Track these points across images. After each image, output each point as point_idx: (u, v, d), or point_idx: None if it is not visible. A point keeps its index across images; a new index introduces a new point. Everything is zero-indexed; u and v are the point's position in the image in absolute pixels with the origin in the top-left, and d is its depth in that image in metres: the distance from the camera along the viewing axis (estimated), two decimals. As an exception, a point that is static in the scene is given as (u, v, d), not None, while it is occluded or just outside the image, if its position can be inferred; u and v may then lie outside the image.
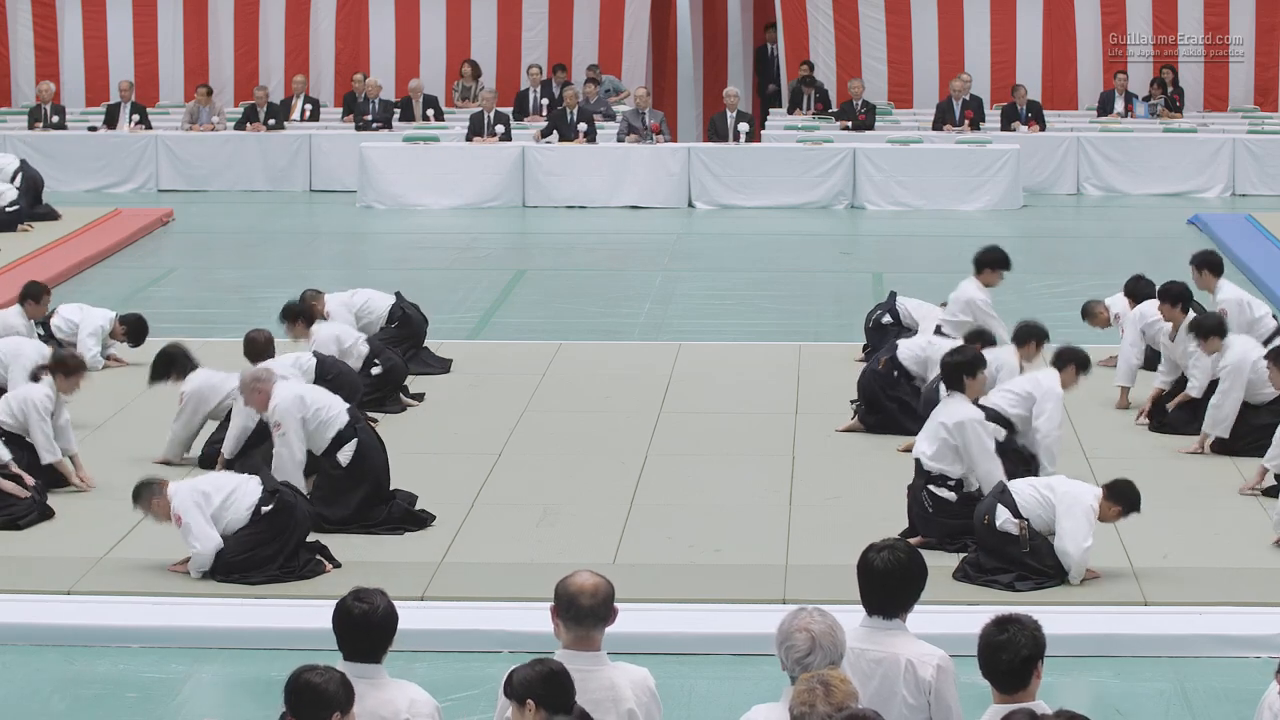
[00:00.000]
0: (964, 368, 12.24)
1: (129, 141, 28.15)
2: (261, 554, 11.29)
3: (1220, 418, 13.99)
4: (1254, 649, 10.40)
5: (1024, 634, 6.74)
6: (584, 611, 6.98)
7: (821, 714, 6.15)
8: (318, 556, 11.54)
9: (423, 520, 12.44)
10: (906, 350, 14.84)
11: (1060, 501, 11.27)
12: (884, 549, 7.26)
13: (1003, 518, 11.25)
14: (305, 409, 12.46)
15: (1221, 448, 13.98)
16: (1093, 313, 16.79)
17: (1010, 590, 11.05)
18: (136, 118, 28.47)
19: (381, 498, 12.48)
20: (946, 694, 7.11)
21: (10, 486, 12.45)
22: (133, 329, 16.81)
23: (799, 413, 15.27)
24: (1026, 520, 11.23)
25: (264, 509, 11.36)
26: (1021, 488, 11.46)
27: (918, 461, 12.05)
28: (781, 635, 6.77)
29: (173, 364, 14.19)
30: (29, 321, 16.42)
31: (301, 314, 15.56)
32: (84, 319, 16.78)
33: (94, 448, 14.27)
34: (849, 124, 28.43)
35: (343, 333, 15.54)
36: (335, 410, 12.56)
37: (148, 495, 11.44)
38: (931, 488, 11.92)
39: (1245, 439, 13.83)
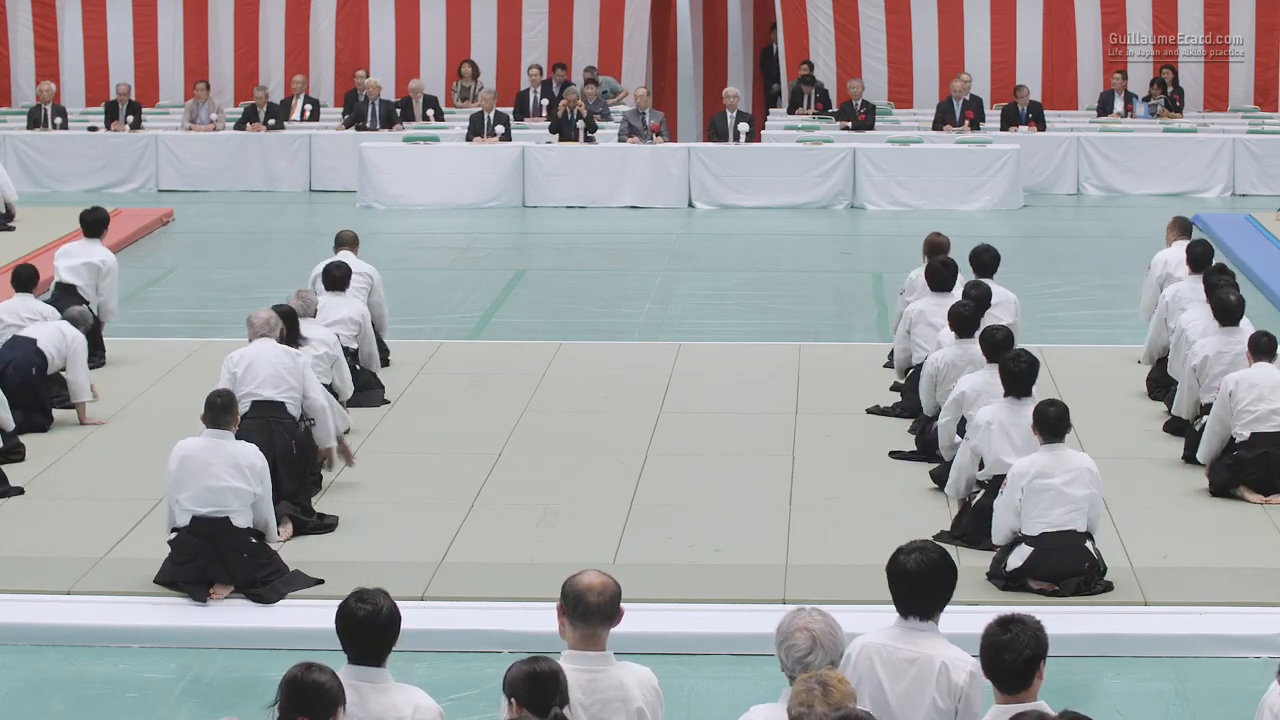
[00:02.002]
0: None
1: (129, 141, 28.16)
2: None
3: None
4: (1254, 649, 10.40)
5: (1027, 634, 6.74)
6: (591, 610, 6.99)
7: (819, 714, 6.15)
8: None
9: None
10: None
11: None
12: (914, 550, 7.26)
13: None
14: (234, 367, 12.71)
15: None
16: None
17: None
18: (132, 118, 28.46)
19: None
20: (976, 702, 7.10)
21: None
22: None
23: (799, 413, 15.27)
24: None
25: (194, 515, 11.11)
26: (1093, 496, 11.15)
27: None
28: (781, 635, 6.78)
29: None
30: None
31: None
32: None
33: (94, 448, 14.28)
34: (849, 124, 28.44)
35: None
36: (248, 393, 12.52)
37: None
38: None
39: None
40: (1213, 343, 13.90)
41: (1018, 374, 11.87)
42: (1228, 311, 14.01)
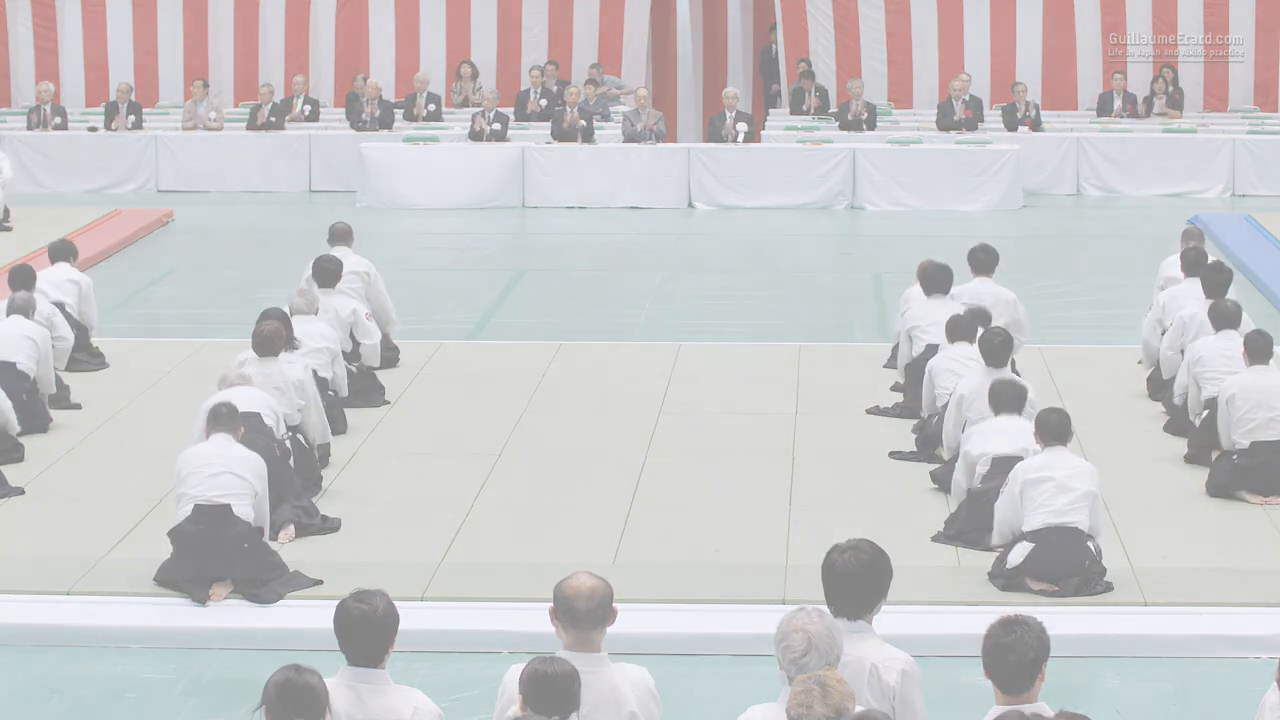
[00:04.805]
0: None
1: (129, 142, 28.15)
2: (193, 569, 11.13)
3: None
4: (1254, 649, 10.41)
5: (1031, 635, 6.73)
6: (580, 615, 6.99)
7: (818, 715, 6.15)
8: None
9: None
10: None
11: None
12: (847, 549, 7.25)
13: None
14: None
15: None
16: None
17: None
18: (132, 118, 28.45)
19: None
20: (912, 699, 7.06)
21: None
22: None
23: (799, 413, 15.27)
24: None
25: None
26: (1094, 495, 11.21)
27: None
28: (779, 635, 6.78)
29: None
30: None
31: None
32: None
33: (94, 448, 14.28)
34: (864, 117, 28.33)
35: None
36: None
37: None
38: None
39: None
40: (1209, 343, 14.00)
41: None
42: (1226, 317, 14.16)
